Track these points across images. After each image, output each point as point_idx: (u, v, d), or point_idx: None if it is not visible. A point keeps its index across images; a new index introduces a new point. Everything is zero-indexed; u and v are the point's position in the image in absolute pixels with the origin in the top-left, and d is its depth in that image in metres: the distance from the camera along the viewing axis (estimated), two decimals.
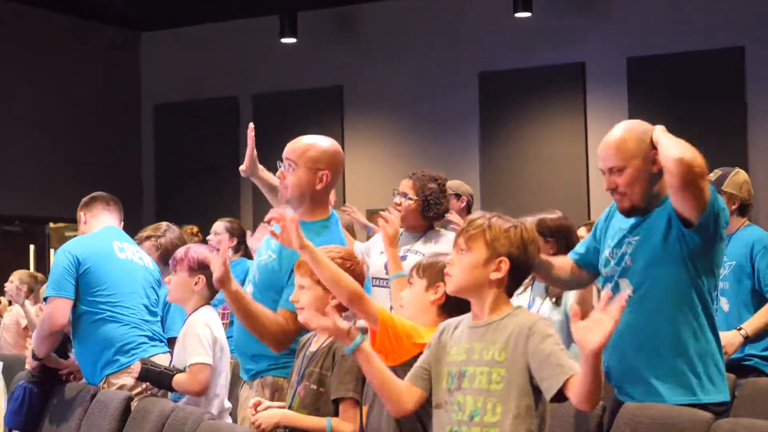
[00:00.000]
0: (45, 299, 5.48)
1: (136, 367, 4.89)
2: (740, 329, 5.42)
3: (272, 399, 4.14)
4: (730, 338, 5.32)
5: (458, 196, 6.42)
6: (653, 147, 3.93)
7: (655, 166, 3.92)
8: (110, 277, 5.42)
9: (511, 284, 3.21)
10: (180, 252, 5.01)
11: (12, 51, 12.97)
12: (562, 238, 4.93)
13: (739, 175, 5.74)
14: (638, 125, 4.06)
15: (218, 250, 4.14)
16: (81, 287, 5.38)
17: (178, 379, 4.79)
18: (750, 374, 5.41)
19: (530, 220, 3.37)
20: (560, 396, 3.01)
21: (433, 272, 3.55)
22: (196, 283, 4.92)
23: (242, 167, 4.73)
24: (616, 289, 3.97)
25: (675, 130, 4.09)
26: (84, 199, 5.81)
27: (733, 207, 5.65)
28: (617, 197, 3.99)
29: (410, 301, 3.67)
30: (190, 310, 4.96)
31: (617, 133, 4.03)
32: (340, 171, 4.34)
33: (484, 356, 3.15)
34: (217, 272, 4.01)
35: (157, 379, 4.84)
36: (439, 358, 3.27)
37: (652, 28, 11.77)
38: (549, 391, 3.02)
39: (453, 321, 3.32)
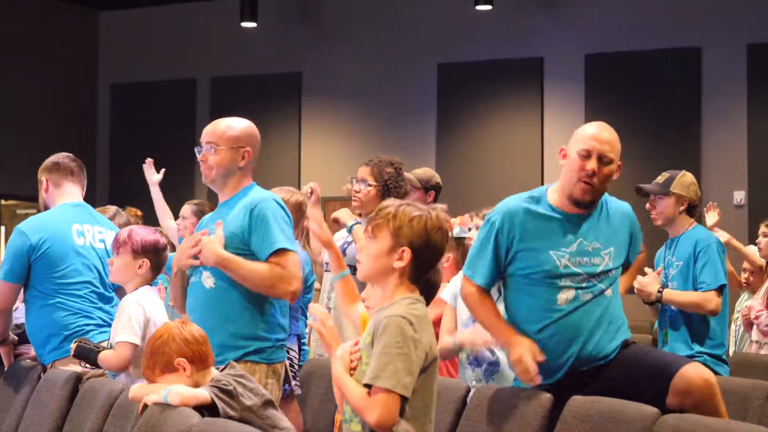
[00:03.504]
0: None
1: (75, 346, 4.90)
2: (660, 291, 5.68)
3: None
4: (646, 284, 5.68)
5: (426, 190, 6.37)
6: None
7: (617, 173, 4.27)
8: (64, 264, 5.31)
9: (415, 272, 3.28)
10: (123, 234, 4.91)
11: None
12: None
13: (686, 176, 5.90)
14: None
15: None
16: (33, 271, 5.29)
17: (103, 356, 4.79)
18: None
19: (441, 207, 3.37)
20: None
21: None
22: (140, 267, 4.88)
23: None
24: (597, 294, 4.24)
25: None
26: (47, 163, 5.60)
27: (682, 208, 5.82)
28: (586, 186, 4.19)
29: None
30: (131, 291, 4.96)
31: (613, 132, 4.29)
32: (258, 148, 4.59)
33: (365, 339, 3.27)
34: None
35: (87, 356, 4.86)
36: None
37: (611, 26, 11.85)
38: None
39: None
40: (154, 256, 4.88)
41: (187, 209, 7.34)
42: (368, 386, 3.14)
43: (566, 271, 4.18)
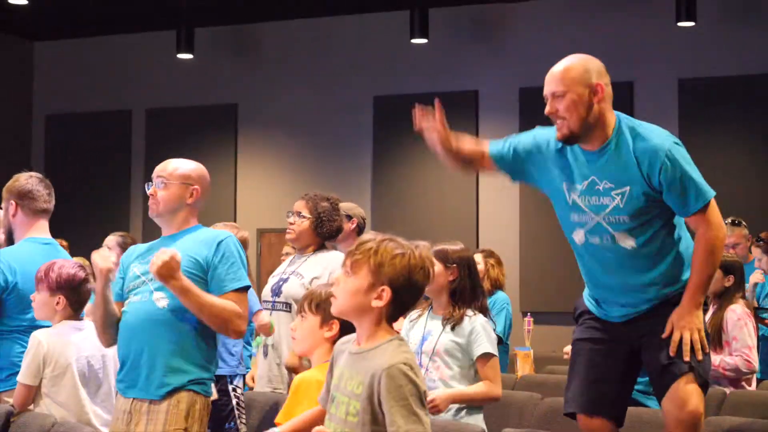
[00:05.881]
0: None
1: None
2: None
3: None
4: None
5: (349, 217, 6.49)
6: (597, 79, 4.36)
7: (595, 97, 4.30)
8: (29, 302, 5.12)
9: (393, 312, 3.11)
10: (41, 271, 4.91)
11: None
12: (464, 266, 4.93)
13: None
14: (584, 57, 4.53)
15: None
16: (2, 307, 5.14)
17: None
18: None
19: (424, 245, 3.18)
20: None
21: (327, 308, 3.44)
22: (57, 303, 4.86)
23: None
24: (611, 241, 4.19)
25: None
26: (20, 187, 5.37)
27: None
28: (558, 123, 4.35)
29: (304, 336, 3.75)
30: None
31: (562, 63, 4.47)
32: (208, 189, 4.71)
33: (348, 386, 3.09)
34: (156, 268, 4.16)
35: None
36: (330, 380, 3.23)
37: (546, 60, 11.86)
38: None
39: (346, 338, 3.25)
40: (71, 292, 4.84)
41: (111, 240, 7.45)
42: None
43: (573, 206, 4.30)
